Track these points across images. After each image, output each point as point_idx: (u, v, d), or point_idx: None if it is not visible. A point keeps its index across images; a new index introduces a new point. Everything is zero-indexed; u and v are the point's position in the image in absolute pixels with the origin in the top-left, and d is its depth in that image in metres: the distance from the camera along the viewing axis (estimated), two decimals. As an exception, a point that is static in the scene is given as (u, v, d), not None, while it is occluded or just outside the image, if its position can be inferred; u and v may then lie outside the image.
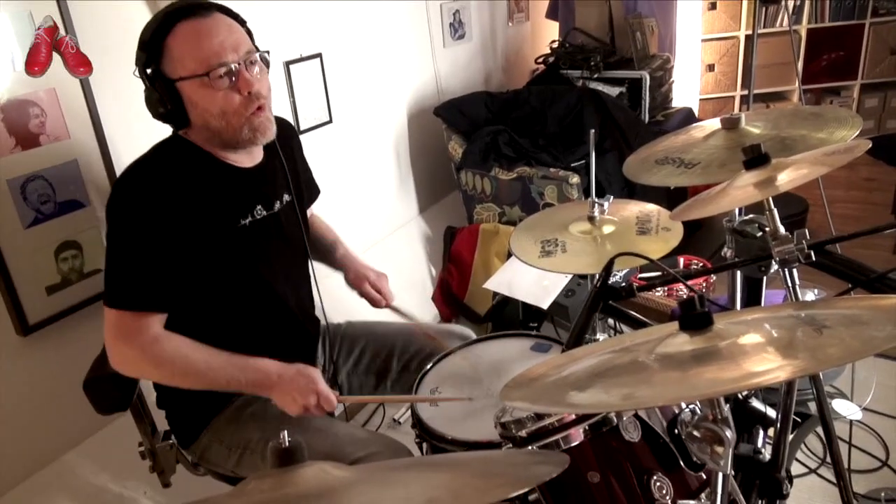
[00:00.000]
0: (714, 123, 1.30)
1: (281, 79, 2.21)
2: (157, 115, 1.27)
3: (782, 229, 0.91)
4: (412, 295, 2.82)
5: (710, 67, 4.25)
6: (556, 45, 3.24)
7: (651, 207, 1.53)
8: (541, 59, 3.26)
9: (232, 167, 1.34)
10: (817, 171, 0.84)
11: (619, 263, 1.19)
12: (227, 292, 1.35)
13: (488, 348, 1.49)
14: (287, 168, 1.45)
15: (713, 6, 4.10)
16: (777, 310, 0.74)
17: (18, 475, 1.60)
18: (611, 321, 1.71)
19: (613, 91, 2.99)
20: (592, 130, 1.45)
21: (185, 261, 1.25)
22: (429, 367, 1.41)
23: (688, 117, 3.20)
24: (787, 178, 0.86)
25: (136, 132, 1.67)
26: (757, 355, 0.61)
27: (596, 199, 1.45)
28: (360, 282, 1.60)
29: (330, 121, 2.42)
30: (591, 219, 1.46)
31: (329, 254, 1.67)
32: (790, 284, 0.92)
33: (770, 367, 0.54)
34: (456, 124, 2.72)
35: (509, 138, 2.60)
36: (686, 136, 1.36)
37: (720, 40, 4.18)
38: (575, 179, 2.42)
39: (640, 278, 2.06)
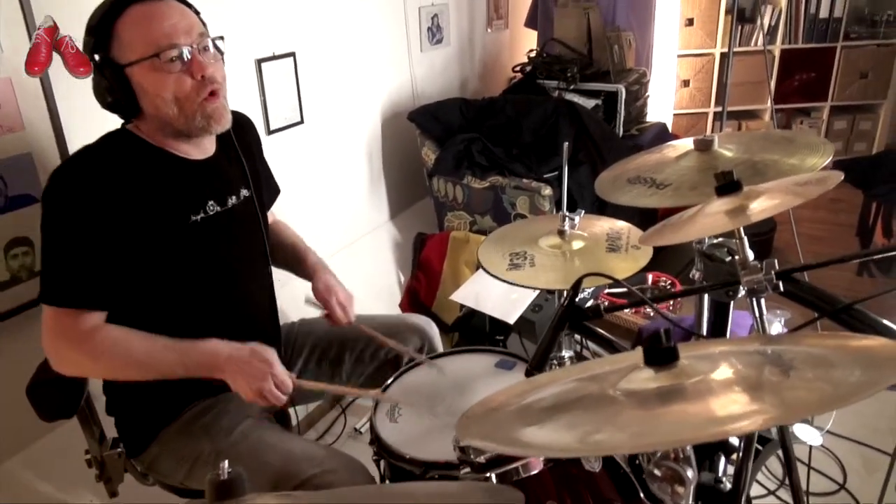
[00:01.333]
0: (687, 144, 1.29)
1: (252, 77, 2.16)
2: (106, 105, 1.23)
3: (751, 256, 0.89)
4: (379, 301, 2.78)
5: (686, 83, 4.29)
6: (533, 54, 3.23)
7: (621, 225, 1.52)
8: (518, 68, 3.24)
9: (182, 160, 1.29)
10: (790, 201, 0.82)
11: (588, 280, 1.17)
12: (180, 291, 1.30)
13: (452, 363, 1.46)
14: (245, 162, 1.40)
15: (690, 22, 4.14)
16: (743, 343, 0.72)
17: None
18: (577, 337, 1.69)
19: (589, 103, 2.98)
20: (566, 143, 1.43)
21: (129, 257, 1.20)
22: (390, 381, 1.37)
23: (661, 132, 3.21)
24: (759, 207, 0.85)
25: (96, 126, 1.61)
26: (724, 395, 0.59)
27: (567, 214, 1.43)
28: (328, 293, 1.50)
29: (301, 121, 2.37)
30: (560, 233, 1.44)
31: (297, 261, 1.60)
32: (757, 315, 0.90)
33: (739, 412, 0.52)
34: (430, 130, 2.69)
35: (483, 146, 2.58)
36: (659, 156, 1.34)
37: (696, 56, 4.22)
38: (547, 191, 2.40)
39: (609, 294, 2.05)
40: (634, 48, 3.29)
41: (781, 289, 0.86)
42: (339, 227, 2.70)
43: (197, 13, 1.27)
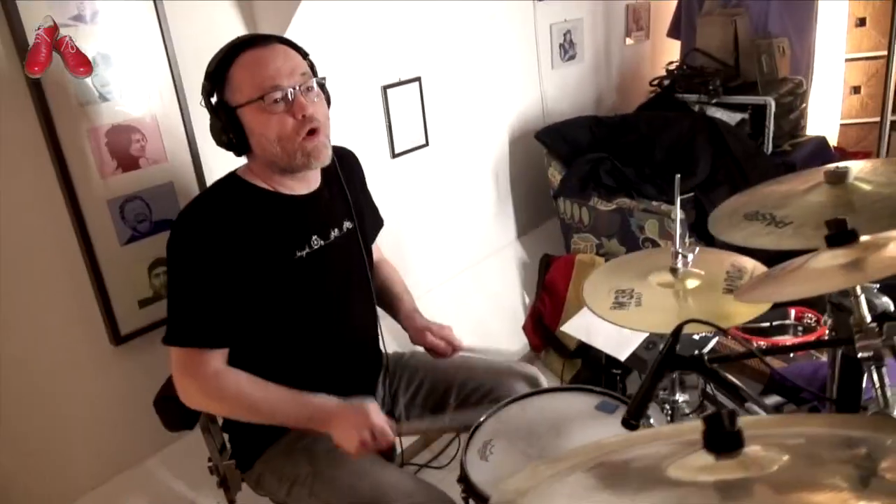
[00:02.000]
0: (816, 175, 1.15)
1: (378, 103, 2.23)
2: (220, 143, 1.33)
3: (868, 318, 0.77)
4: (503, 322, 2.76)
5: (856, 90, 3.85)
6: (672, 66, 3.06)
7: (746, 262, 1.38)
8: (655, 82, 3.09)
9: (286, 197, 1.36)
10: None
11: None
12: (287, 325, 1.36)
13: (552, 401, 1.40)
14: (349, 194, 1.44)
15: (861, 22, 3.71)
16: (829, 426, 0.62)
17: (103, 475, 1.71)
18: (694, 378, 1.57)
19: (734, 118, 2.77)
20: (678, 175, 1.33)
21: (243, 295, 1.28)
22: (483, 419, 1.35)
23: (820, 147, 2.91)
24: (881, 263, 0.73)
25: (228, 157, 1.74)
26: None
27: (679, 251, 1.33)
28: (422, 336, 1.53)
29: (426, 144, 2.42)
30: (673, 271, 1.34)
31: (393, 308, 1.64)
32: (877, 385, 0.77)
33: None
34: (557, 150, 2.63)
35: (611, 167, 2.47)
36: (787, 187, 1.21)
37: (868, 60, 3.77)
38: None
39: (742, 329, 1.87)
40: (789, 56, 3.01)
41: (906, 358, 0.74)
42: (465, 247, 2.71)
43: (305, 55, 1.34)
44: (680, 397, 1.45)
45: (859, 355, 0.74)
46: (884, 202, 1.01)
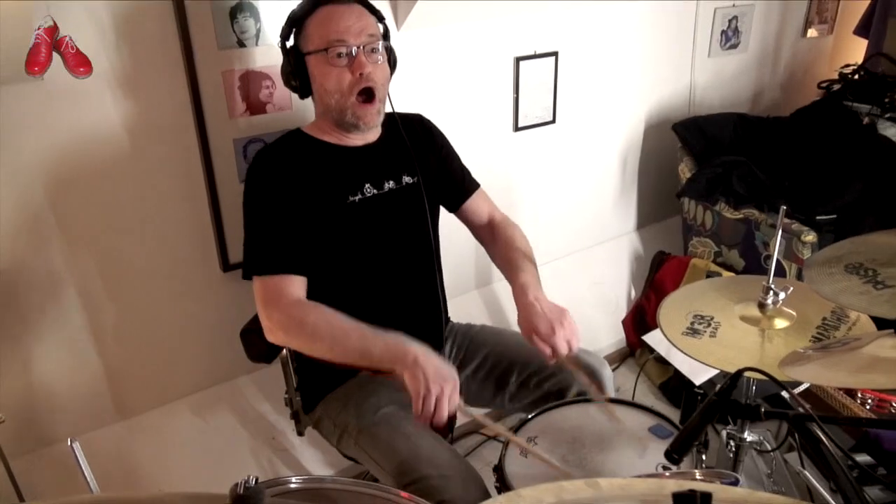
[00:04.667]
0: (945, 235, 1.01)
1: (508, 74, 2.20)
2: (287, 84, 1.44)
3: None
4: (603, 312, 2.70)
5: None
6: (849, 69, 2.74)
7: (854, 312, 1.25)
8: (825, 84, 2.79)
9: (343, 148, 1.44)
10: None
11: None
12: (344, 269, 1.43)
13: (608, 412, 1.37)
14: (413, 151, 1.48)
15: None
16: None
17: (201, 384, 1.90)
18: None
19: (909, 137, 2.45)
20: (784, 207, 1.21)
21: (307, 232, 1.36)
22: (530, 416, 1.34)
23: None
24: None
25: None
26: None
27: (771, 286, 1.23)
28: (528, 332, 1.38)
29: (553, 121, 2.36)
30: (761, 306, 1.25)
31: (508, 275, 1.53)
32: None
33: None
34: (692, 145, 2.48)
35: (747, 172, 2.29)
36: (907, 241, 1.08)
37: None
38: (810, 237, 2.07)
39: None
40: None
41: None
42: (579, 230, 2.66)
43: (381, 19, 1.41)
44: (749, 436, 1.36)
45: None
46: None
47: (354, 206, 1.42)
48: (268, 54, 1.69)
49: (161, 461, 1.82)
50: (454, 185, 1.63)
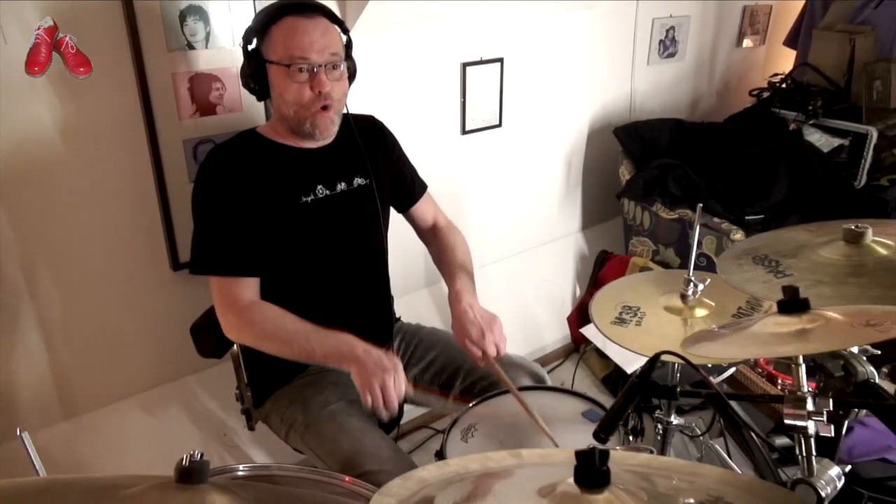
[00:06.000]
0: (838, 229, 1.12)
1: (455, 79, 2.27)
2: (245, 86, 1.46)
3: (805, 389, 0.77)
4: (549, 310, 2.79)
5: None
6: (777, 78, 2.91)
7: (767, 301, 1.36)
8: (756, 92, 2.95)
9: (297, 149, 1.47)
10: (855, 337, 0.69)
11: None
12: (296, 269, 1.47)
13: (545, 399, 1.45)
14: (366, 153, 1.52)
15: None
16: (722, 482, 0.65)
17: (149, 383, 1.92)
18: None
19: (831, 143, 2.62)
20: (700, 204, 1.31)
21: (257, 233, 1.40)
22: (471, 404, 1.41)
23: (923, 188, 2.70)
24: (821, 337, 0.73)
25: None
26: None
27: (691, 278, 1.32)
28: (460, 336, 1.46)
29: (499, 124, 2.45)
30: (683, 297, 1.35)
31: (445, 279, 1.62)
32: (803, 455, 0.77)
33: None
34: (631, 149, 2.60)
35: (682, 175, 2.42)
36: (808, 236, 1.18)
37: None
38: (738, 236, 2.20)
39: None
40: (911, 85, 2.78)
41: (832, 433, 0.74)
42: (526, 230, 2.74)
43: (346, 31, 1.44)
44: (675, 420, 1.46)
45: (786, 422, 0.75)
46: (888, 271, 0.99)
47: (307, 206, 1.46)
48: (218, 57, 1.72)
49: (110, 459, 1.83)
50: (404, 187, 1.69)
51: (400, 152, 1.69)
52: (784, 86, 2.85)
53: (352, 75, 1.48)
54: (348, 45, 1.45)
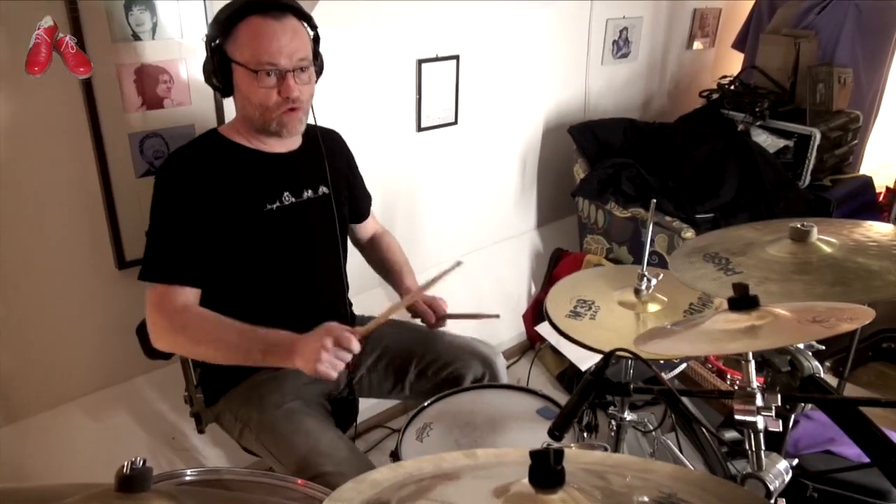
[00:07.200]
0: (785, 228, 1.14)
1: (411, 76, 2.26)
2: (207, 82, 1.40)
3: (754, 385, 0.78)
4: (505, 308, 2.80)
5: (926, 132, 3.67)
6: (726, 80, 2.98)
7: (718, 298, 1.39)
8: (705, 94, 3.02)
9: (263, 154, 1.43)
10: (800, 334, 0.71)
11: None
12: (255, 276, 1.43)
13: (500, 397, 1.45)
14: (327, 163, 1.50)
15: (946, 62, 3.51)
16: (675, 478, 0.65)
17: (95, 385, 1.85)
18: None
19: (777, 144, 2.70)
20: (654, 200, 1.33)
21: (216, 240, 1.35)
22: (428, 402, 1.41)
23: (862, 187, 2.81)
24: (769, 334, 0.74)
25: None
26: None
27: (644, 273, 1.34)
28: (412, 298, 1.53)
29: (455, 122, 2.44)
30: (636, 292, 1.36)
31: (392, 277, 1.71)
32: (752, 450, 0.79)
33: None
34: (585, 148, 2.62)
35: (635, 174, 2.45)
36: (757, 234, 1.21)
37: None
38: (689, 234, 2.24)
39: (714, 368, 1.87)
40: (851, 88, 2.89)
41: (780, 428, 0.75)
42: (481, 228, 2.75)
43: (314, 28, 1.39)
44: (628, 416, 1.47)
45: (736, 418, 0.76)
46: (832, 268, 1.01)
47: (272, 214, 1.42)
48: (165, 48, 1.67)
49: (52, 466, 1.76)
50: (355, 205, 1.69)
51: (357, 171, 1.70)
52: (732, 87, 2.92)
53: (320, 71, 1.45)
54: (316, 41, 1.41)
